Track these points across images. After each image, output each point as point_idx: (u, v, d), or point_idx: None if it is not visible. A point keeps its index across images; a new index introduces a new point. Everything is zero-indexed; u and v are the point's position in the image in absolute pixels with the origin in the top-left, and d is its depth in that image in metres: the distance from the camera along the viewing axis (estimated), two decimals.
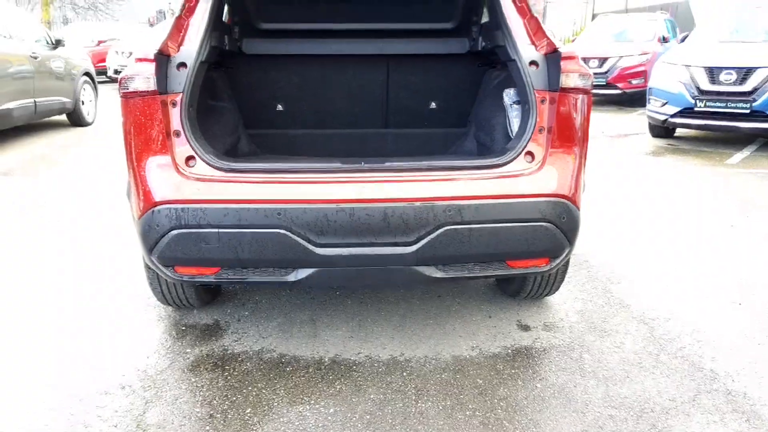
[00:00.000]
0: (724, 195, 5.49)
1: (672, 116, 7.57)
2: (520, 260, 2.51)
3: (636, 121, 10.07)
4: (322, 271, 2.39)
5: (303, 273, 2.40)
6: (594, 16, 23.41)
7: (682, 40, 8.86)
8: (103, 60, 15.19)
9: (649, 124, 8.30)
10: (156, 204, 2.32)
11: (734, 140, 7.99)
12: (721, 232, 4.46)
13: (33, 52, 7.74)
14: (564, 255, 2.52)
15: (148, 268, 2.79)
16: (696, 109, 7.32)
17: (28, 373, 2.57)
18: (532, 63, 2.60)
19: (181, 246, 2.32)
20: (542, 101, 2.52)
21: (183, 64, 2.48)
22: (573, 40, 19.38)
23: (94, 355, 2.71)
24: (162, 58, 2.40)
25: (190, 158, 2.37)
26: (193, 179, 2.34)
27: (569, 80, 2.49)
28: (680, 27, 14.04)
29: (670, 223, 4.68)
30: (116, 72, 14.12)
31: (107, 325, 3.00)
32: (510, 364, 2.66)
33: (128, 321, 3.04)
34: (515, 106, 2.85)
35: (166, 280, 2.80)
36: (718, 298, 3.33)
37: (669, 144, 8.03)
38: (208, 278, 2.47)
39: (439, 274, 2.45)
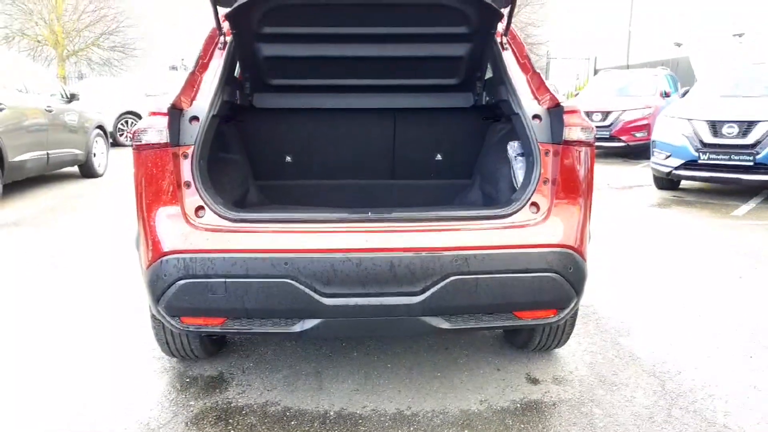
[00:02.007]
0: (732, 247, 5.47)
1: (676, 168, 7.63)
2: (527, 311, 2.49)
3: (641, 173, 10.14)
4: (328, 322, 2.38)
5: (309, 323, 2.39)
6: (596, 72, 23.94)
7: (684, 95, 9.02)
8: None
9: (654, 176, 8.36)
10: (165, 254, 2.34)
11: (739, 192, 8.02)
12: (729, 283, 4.42)
13: (48, 106, 7.95)
14: (572, 306, 2.51)
15: (154, 318, 2.79)
16: (700, 161, 7.39)
17: (29, 425, 2.54)
18: (536, 117, 2.66)
19: (188, 296, 2.32)
20: (546, 153, 2.56)
21: (195, 118, 2.55)
22: (576, 95, 19.76)
23: (97, 407, 2.68)
24: (175, 112, 2.48)
25: (199, 208, 2.41)
26: (202, 229, 2.37)
27: (572, 133, 2.54)
28: (681, 82, 14.30)
29: (678, 274, 4.65)
30: None
31: (111, 376, 2.97)
32: (519, 418, 2.60)
33: (132, 372, 3.01)
34: (519, 158, 2.90)
35: (171, 331, 2.80)
36: (730, 350, 3.28)
37: (674, 196, 8.06)
38: (213, 329, 2.46)
39: (446, 325, 2.43)
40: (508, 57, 3.07)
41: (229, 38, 3.07)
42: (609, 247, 5.35)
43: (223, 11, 2.94)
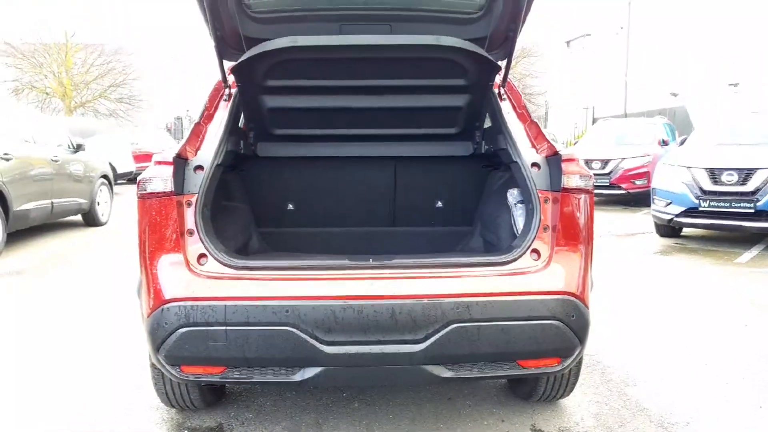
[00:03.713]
0: (736, 294, 5.43)
1: (677, 216, 7.65)
2: (530, 360, 2.47)
3: (642, 220, 10.16)
4: (329, 370, 2.36)
5: (309, 372, 2.36)
6: (594, 121, 24.30)
7: (682, 143, 9.13)
8: None
9: (655, 223, 8.37)
10: (166, 302, 2.34)
11: (741, 239, 8.01)
12: (735, 331, 4.37)
13: (54, 156, 8.06)
14: (575, 354, 2.48)
15: (153, 367, 2.76)
16: (700, 208, 7.41)
17: None
18: (534, 165, 2.70)
19: (188, 344, 2.31)
20: (545, 201, 2.59)
21: (200, 167, 2.59)
22: (575, 143, 20.01)
23: None
24: (180, 162, 2.52)
25: (201, 256, 2.42)
26: (204, 276, 2.37)
27: (570, 181, 2.57)
28: (678, 131, 14.49)
29: (683, 322, 4.60)
30: None
31: (108, 427, 2.92)
32: None
33: (130, 423, 2.95)
34: (519, 205, 2.92)
35: (170, 380, 2.76)
36: (738, 400, 3.22)
37: (676, 243, 8.05)
38: (213, 378, 2.44)
39: (448, 374, 2.40)
40: (505, 107, 3.14)
41: (234, 90, 3.15)
42: (612, 294, 5.31)
43: (228, 65, 3.03)
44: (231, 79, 3.13)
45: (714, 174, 7.39)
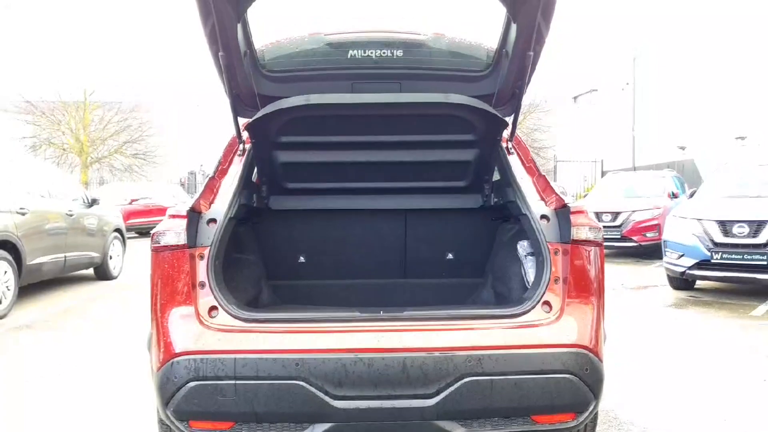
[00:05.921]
0: (753, 348, 5.31)
1: (690, 268, 7.57)
2: (544, 415, 2.42)
3: (654, 273, 10.06)
4: (340, 426, 2.32)
5: (319, 428, 2.33)
6: (603, 174, 24.40)
7: (692, 195, 9.13)
8: (135, 216, 15.98)
9: (668, 276, 8.29)
10: (176, 355, 2.33)
11: (756, 292, 7.89)
12: (753, 386, 4.26)
13: (69, 210, 8.17)
14: (590, 409, 2.44)
15: (161, 423, 2.72)
16: (713, 261, 7.35)
17: None
18: (543, 217, 2.72)
19: (197, 398, 2.29)
20: (555, 253, 2.59)
21: (213, 220, 2.64)
22: (585, 196, 20.05)
23: None
24: (194, 215, 2.56)
25: (212, 308, 2.43)
26: (215, 329, 2.38)
27: (580, 233, 2.58)
28: (687, 183, 14.51)
29: (700, 377, 4.50)
30: None
31: None
32: None
33: None
34: (530, 257, 2.93)
35: None
36: None
37: (690, 296, 7.94)
38: None
39: (461, 430, 2.35)
40: (514, 161, 3.19)
41: (247, 146, 3.23)
42: (627, 348, 5.22)
43: (243, 121, 3.12)
44: (245, 135, 3.22)
45: (725, 226, 7.36)
